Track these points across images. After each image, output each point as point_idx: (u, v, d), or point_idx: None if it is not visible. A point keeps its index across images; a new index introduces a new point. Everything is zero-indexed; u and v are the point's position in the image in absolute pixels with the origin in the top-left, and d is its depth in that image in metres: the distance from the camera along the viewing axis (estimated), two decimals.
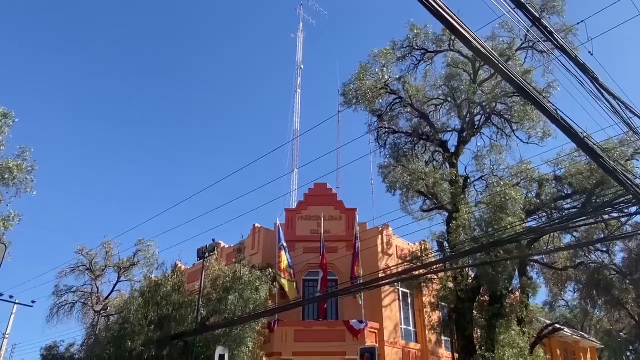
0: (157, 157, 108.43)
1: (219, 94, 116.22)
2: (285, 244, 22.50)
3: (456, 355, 18.10)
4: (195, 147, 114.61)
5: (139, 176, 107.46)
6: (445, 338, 22.49)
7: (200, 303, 17.81)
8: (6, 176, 16.59)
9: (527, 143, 20.23)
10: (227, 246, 25.91)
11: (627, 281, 33.49)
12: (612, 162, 8.24)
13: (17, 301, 28.92)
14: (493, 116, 20.31)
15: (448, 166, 20.10)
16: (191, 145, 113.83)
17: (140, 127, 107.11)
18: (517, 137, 20.20)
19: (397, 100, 20.45)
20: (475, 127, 20.15)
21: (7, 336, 28.79)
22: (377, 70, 19.91)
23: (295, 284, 22.05)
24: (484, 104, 18.91)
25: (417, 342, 23.44)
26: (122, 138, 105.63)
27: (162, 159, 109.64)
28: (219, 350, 14.87)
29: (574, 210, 18.20)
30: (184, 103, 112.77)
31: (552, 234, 20.71)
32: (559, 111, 6.79)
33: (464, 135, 19.87)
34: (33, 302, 29.49)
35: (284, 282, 21.46)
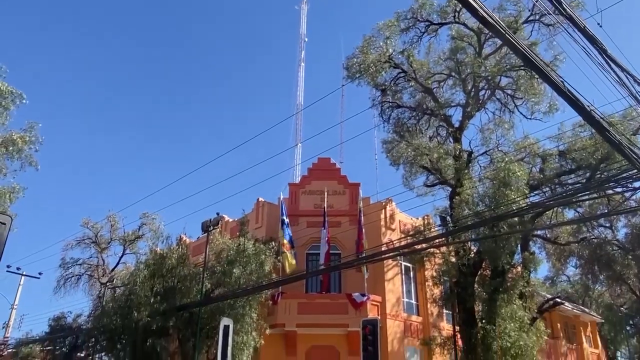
0: (159, 131, 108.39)
1: (221, 65, 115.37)
2: (286, 219, 22.58)
3: (457, 327, 18.30)
4: (198, 122, 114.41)
5: (142, 151, 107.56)
6: (447, 311, 22.75)
7: (205, 275, 18.01)
8: (10, 148, 16.63)
9: (530, 118, 20.11)
10: (230, 220, 26.07)
11: (629, 256, 33.61)
12: (617, 136, 8.17)
13: (24, 273, 29.39)
14: (497, 91, 20.12)
15: (452, 141, 19.98)
16: (194, 120, 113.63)
17: (143, 101, 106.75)
18: (520, 113, 20.08)
19: (401, 75, 20.23)
20: (480, 101, 19.98)
21: (15, 307, 29.32)
22: (381, 43, 19.64)
23: (294, 255, 22.09)
24: (489, 77, 18.70)
25: (418, 315, 23.73)
26: (125, 113, 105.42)
27: (164, 133, 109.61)
28: (224, 321, 15.06)
29: (577, 185, 18.14)
30: (186, 77, 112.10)
31: (555, 210, 20.71)
32: (565, 83, 6.71)
33: (468, 109, 19.71)
34: (40, 274, 30.00)
35: (284, 256, 21.62)
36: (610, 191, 16.51)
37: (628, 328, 42.95)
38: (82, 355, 29.92)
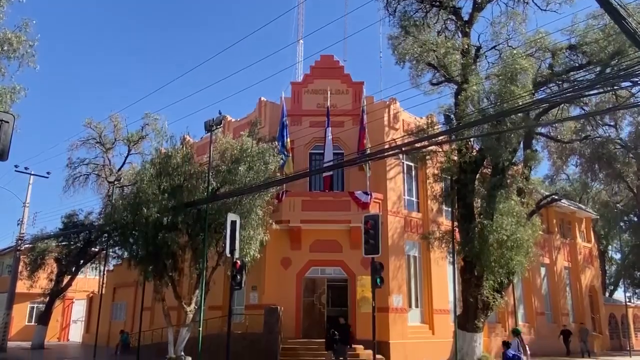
0: (159, 29, 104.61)
1: None
2: (286, 121, 22.44)
3: (456, 222, 18.88)
4: (198, 19, 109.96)
5: (142, 50, 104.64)
6: (446, 208, 23.35)
7: (210, 174, 18.30)
8: (5, 48, 16.20)
9: (545, 10, 19.16)
10: (233, 120, 26.00)
11: (630, 155, 33.94)
12: (633, 25, 7.80)
13: (32, 172, 29.92)
14: None
15: (460, 35, 19.21)
16: (194, 17, 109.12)
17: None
18: (535, 3, 19.07)
19: None
20: None
21: (27, 205, 30.17)
22: None
23: (291, 159, 22.25)
24: None
25: (418, 211, 24.44)
26: (125, 12, 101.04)
27: (164, 31, 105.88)
28: (231, 217, 15.56)
29: (584, 80, 17.69)
30: None
31: (560, 107, 20.46)
32: None
33: (479, 1, 18.73)
34: (48, 173, 30.59)
35: (288, 160, 21.79)
36: (619, 86, 16.13)
37: (622, 224, 44.45)
38: (96, 249, 31.48)
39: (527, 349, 14.33)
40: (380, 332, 18.34)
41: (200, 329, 17.43)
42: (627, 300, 37.74)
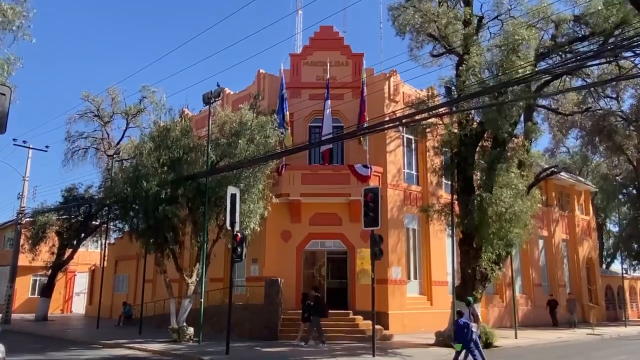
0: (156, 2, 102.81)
1: None
2: (285, 94, 22.22)
3: (455, 195, 18.89)
4: None
5: (139, 22, 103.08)
6: (446, 181, 23.35)
7: (210, 147, 18.24)
8: (0, 19, 15.96)
9: None
10: (232, 93, 25.78)
11: (632, 127, 33.82)
12: None
13: (31, 146, 29.84)
14: None
15: (462, 5, 18.88)
16: None
17: None
18: None
19: None
20: None
21: (27, 179, 30.16)
22: None
23: (289, 131, 22.12)
24: None
25: (418, 184, 24.46)
26: None
27: (161, 3, 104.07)
28: (230, 190, 15.55)
29: (586, 50, 17.45)
30: None
31: (562, 79, 20.25)
32: None
33: None
34: (47, 147, 30.48)
35: (287, 132, 21.67)
36: (622, 57, 15.92)
37: (620, 197, 44.57)
38: (97, 223, 31.62)
39: (479, 317, 14.95)
40: (380, 303, 18.58)
41: (202, 300, 17.66)
42: (624, 272, 38.13)
